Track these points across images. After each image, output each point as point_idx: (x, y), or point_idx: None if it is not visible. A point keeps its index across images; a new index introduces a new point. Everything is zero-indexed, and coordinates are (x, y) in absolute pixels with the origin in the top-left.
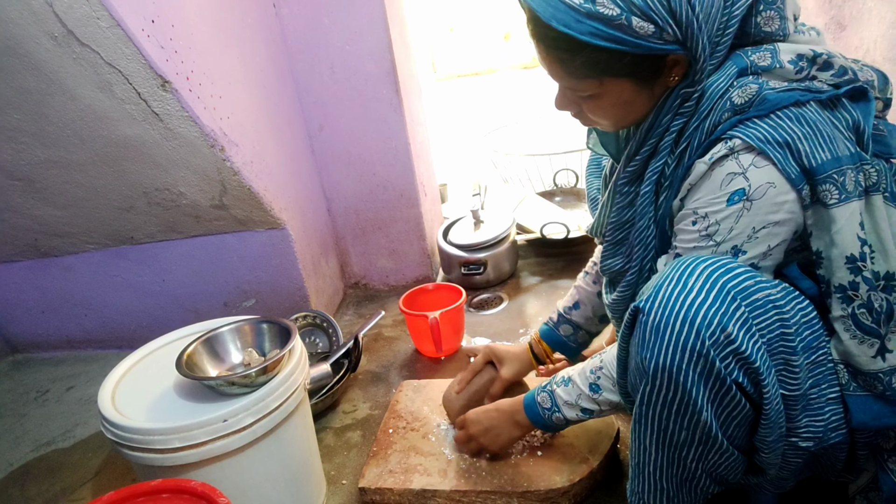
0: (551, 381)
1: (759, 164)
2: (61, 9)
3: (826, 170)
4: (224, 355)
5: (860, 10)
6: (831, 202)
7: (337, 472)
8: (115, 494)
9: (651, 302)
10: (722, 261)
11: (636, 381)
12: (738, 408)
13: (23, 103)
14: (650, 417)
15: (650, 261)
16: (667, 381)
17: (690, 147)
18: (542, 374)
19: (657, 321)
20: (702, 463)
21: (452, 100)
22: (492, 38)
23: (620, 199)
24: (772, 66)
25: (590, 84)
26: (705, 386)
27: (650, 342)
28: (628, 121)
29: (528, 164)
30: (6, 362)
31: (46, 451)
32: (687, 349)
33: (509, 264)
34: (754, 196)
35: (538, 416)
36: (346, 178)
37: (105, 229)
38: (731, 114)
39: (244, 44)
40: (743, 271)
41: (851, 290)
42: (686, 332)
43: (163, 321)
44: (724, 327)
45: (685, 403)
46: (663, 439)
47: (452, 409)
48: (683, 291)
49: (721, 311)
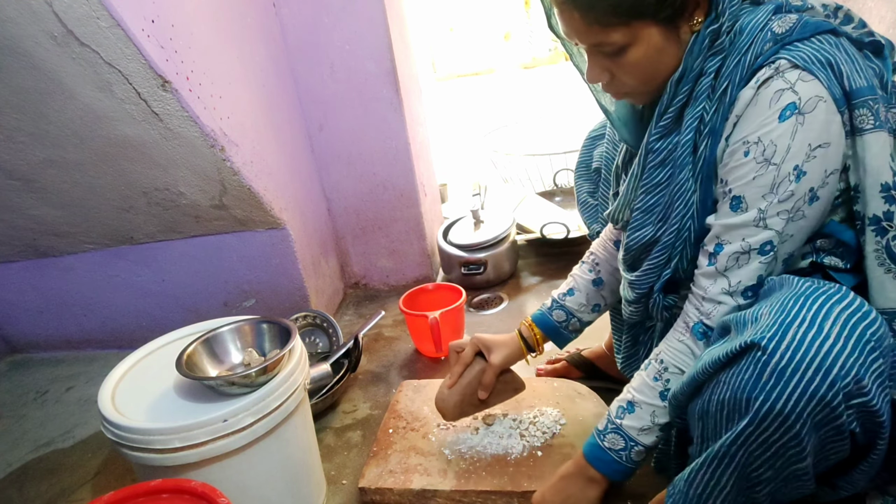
0: (607, 420)
1: (805, 78)
2: (61, 8)
3: (864, 94)
4: (224, 355)
5: (860, 10)
6: (867, 127)
7: (337, 472)
8: (115, 494)
9: (776, 342)
10: (855, 301)
11: (721, 413)
12: (840, 453)
13: (22, 103)
14: (739, 456)
15: (690, 219)
16: (778, 425)
17: (731, 83)
18: (541, 375)
19: (784, 365)
20: (773, 495)
21: (452, 100)
22: (492, 38)
23: (653, 158)
24: (804, 6)
25: (618, 32)
26: (817, 432)
27: (768, 384)
28: (660, 76)
29: (528, 164)
30: (5, 362)
31: (46, 452)
32: (815, 398)
33: (509, 264)
34: (805, 109)
35: (612, 462)
36: (346, 177)
37: (104, 229)
38: (773, 43)
39: (244, 44)
40: (875, 317)
41: (886, 220)
42: (818, 382)
43: (163, 321)
44: (860, 379)
45: (789, 448)
46: (745, 476)
47: (447, 406)
48: (819, 336)
49: (859, 362)
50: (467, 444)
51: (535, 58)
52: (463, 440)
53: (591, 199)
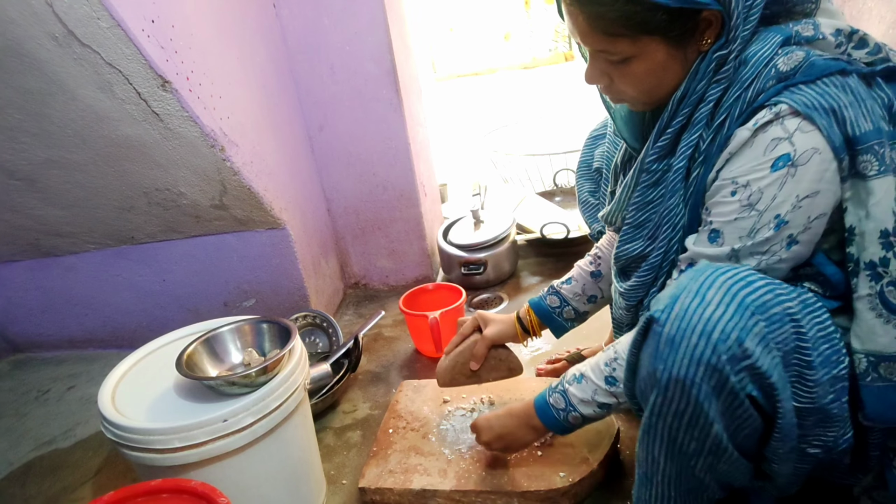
0: (561, 380)
1: (805, 128)
2: (62, 9)
3: (869, 140)
4: (224, 355)
5: (860, 10)
6: (871, 173)
7: (337, 472)
8: (115, 494)
9: (668, 313)
10: (741, 272)
11: (646, 389)
12: (750, 420)
13: (24, 103)
14: (660, 428)
15: (677, 242)
16: (679, 393)
17: (730, 117)
18: (541, 375)
19: (673, 333)
20: (711, 472)
21: (452, 100)
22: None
23: (647, 178)
24: (815, 38)
25: (623, 44)
26: (717, 399)
27: (664, 353)
28: (660, 91)
29: (528, 164)
30: (7, 362)
31: (47, 451)
32: (702, 363)
33: (509, 264)
34: (799, 161)
35: (552, 418)
36: (346, 178)
37: (106, 229)
38: (776, 81)
39: (244, 44)
40: (763, 284)
41: (882, 266)
42: (702, 346)
43: (163, 321)
44: (741, 342)
45: (696, 416)
46: (673, 449)
47: (439, 372)
48: (702, 304)
49: (739, 326)
50: (467, 445)
51: (535, 58)
52: (463, 440)
53: (592, 199)
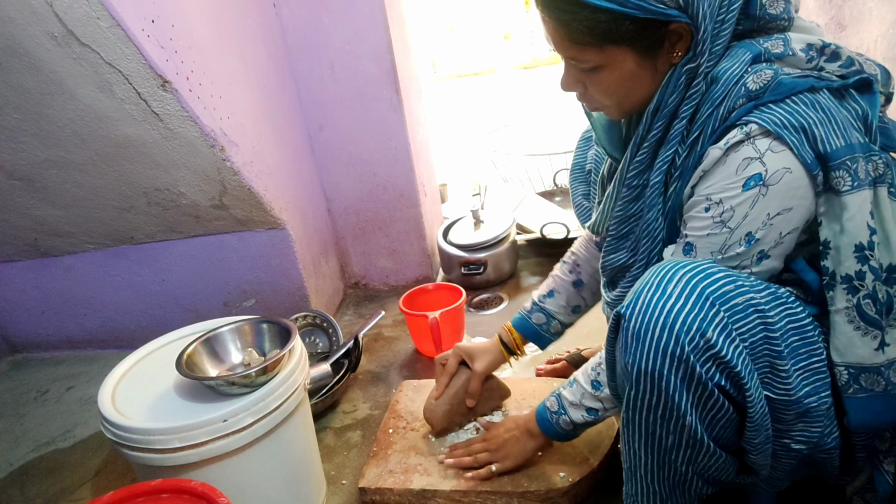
0: (563, 384)
1: (775, 148)
2: (61, 9)
3: (840, 156)
4: (224, 355)
5: (860, 10)
6: (844, 189)
7: (337, 472)
8: (115, 494)
9: (632, 308)
10: (701, 265)
11: (621, 385)
12: (722, 411)
13: (23, 103)
14: (637, 422)
15: (657, 254)
16: (650, 386)
17: (703, 134)
18: (541, 375)
19: (637, 327)
20: (692, 465)
21: (452, 100)
22: (492, 38)
23: (627, 193)
24: (784, 54)
25: (591, 53)
26: (688, 390)
27: (632, 347)
28: (632, 100)
29: (528, 164)
30: (6, 362)
31: (46, 451)
32: (668, 355)
33: (509, 264)
34: (770, 181)
35: (547, 422)
36: (346, 178)
37: (105, 229)
38: (746, 100)
39: (244, 44)
40: (723, 276)
41: (858, 280)
42: (666, 338)
43: (163, 321)
44: (703, 332)
45: (669, 408)
46: (651, 443)
47: (435, 416)
48: (662, 297)
49: (700, 317)
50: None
51: (535, 58)
52: (463, 440)
53: (586, 202)
